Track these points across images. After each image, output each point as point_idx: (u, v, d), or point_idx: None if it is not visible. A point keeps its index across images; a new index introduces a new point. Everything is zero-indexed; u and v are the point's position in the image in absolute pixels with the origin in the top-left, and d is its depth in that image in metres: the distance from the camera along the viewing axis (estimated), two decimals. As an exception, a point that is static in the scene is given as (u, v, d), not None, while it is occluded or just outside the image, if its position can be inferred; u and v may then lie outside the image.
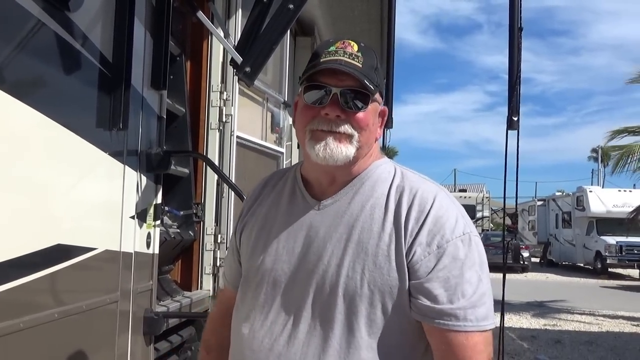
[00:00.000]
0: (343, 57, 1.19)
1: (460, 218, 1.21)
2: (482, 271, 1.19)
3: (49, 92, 1.84)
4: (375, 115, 1.26)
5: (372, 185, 1.26)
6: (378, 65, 1.24)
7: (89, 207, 2.11)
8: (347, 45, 1.21)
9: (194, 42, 3.46)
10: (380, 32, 5.95)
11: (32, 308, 1.73)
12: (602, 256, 19.75)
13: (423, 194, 1.22)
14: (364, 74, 1.18)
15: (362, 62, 1.19)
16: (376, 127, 1.27)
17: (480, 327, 1.15)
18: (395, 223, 1.20)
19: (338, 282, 1.19)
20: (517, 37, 2.60)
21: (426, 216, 1.18)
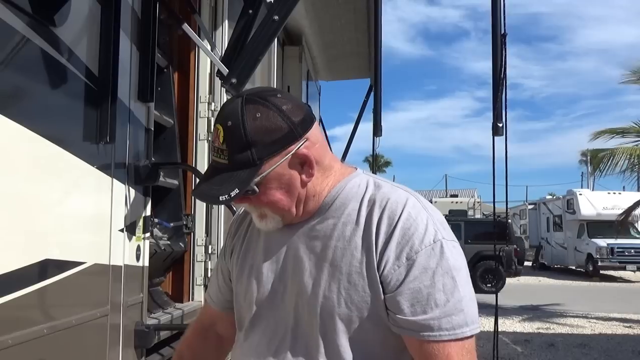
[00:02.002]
0: (215, 157, 1.20)
1: (430, 225, 1.19)
2: (458, 276, 1.17)
3: (35, 106, 1.83)
4: (281, 179, 1.20)
5: (342, 202, 1.25)
6: (249, 137, 1.15)
7: (77, 221, 2.10)
8: (215, 138, 1.19)
9: (180, 53, 3.47)
10: (367, 41, 5.98)
11: (20, 324, 1.72)
12: (593, 258, 19.87)
13: (392, 205, 1.21)
14: (233, 167, 1.17)
15: (228, 156, 1.16)
16: (291, 183, 1.21)
17: (457, 335, 1.15)
18: (365, 238, 1.20)
19: (316, 303, 1.21)
20: (500, 42, 2.62)
21: (394, 228, 1.18)
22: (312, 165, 1.21)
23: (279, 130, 1.17)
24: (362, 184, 1.27)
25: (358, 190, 1.26)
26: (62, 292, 1.93)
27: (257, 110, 1.16)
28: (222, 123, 1.18)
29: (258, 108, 1.16)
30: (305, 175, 1.22)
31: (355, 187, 1.27)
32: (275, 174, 1.19)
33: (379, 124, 3.97)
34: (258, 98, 1.18)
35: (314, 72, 7.05)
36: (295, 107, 1.21)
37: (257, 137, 1.15)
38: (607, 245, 19.49)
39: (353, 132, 6.84)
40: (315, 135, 1.23)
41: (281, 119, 1.17)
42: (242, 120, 1.15)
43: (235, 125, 1.15)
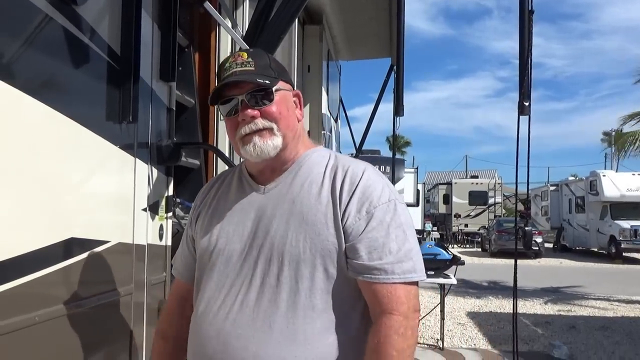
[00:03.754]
0: (236, 69, 1.36)
1: (386, 188, 1.38)
2: (408, 231, 1.37)
3: (59, 86, 1.84)
4: (288, 101, 1.43)
5: (309, 167, 1.43)
6: (271, 61, 1.42)
7: (101, 201, 2.12)
8: (237, 57, 1.38)
9: (201, 33, 3.45)
10: (389, 20, 5.90)
11: (47, 301, 1.75)
12: (616, 240, 19.61)
13: (354, 170, 1.39)
14: (258, 73, 1.36)
15: (254, 65, 1.37)
16: (292, 111, 1.44)
17: (407, 278, 1.32)
18: (331, 195, 1.36)
19: (283, 251, 1.34)
20: (527, 20, 2.55)
21: (356, 187, 1.35)
22: (301, 107, 1.47)
23: (285, 69, 1.45)
24: (325, 155, 1.47)
25: (322, 160, 1.44)
26: (87, 271, 1.95)
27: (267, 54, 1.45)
28: (243, 51, 1.41)
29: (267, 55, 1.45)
30: (299, 114, 1.46)
31: (320, 157, 1.46)
32: (284, 95, 1.41)
33: (401, 104, 3.92)
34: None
35: (335, 51, 6.99)
36: None
37: (275, 63, 1.43)
38: (630, 227, 19.21)
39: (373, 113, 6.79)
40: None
41: (283, 66, 1.46)
42: (263, 50, 1.47)
43: (258, 52, 1.44)
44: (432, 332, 7.42)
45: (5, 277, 1.55)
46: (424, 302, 9.39)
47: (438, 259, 6.32)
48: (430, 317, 7.67)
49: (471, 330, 7.84)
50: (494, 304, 10.10)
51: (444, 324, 6.75)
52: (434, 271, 6.31)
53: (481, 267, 16.83)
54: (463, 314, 9.09)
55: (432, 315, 7.59)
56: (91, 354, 2.02)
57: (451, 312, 8.87)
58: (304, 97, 1.52)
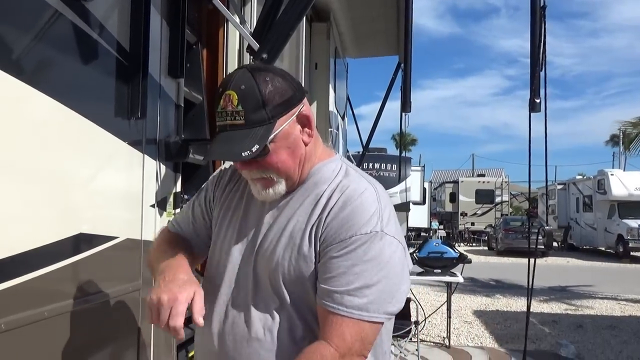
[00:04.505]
0: (227, 121, 1.28)
1: (375, 217, 1.30)
2: (379, 267, 1.27)
3: (68, 82, 1.84)
4: (289, 139, 1.34)
5: (314, 183, 1.40)
6: (264, 97, 1.27)
7: (110, 196, 2.12)
8: (227, 103, 1.27)
9: (210, 29, 3.44)
10: (396, 17, 5.88)
11: (55, 297, 1.75)
12: (624, 240, 19.53)
13: (350, 192, 1.33)
14: (249, 125, 1.27)
15: (244, 115, 1.26)
16: (296, 145, 1.35)
17: (353, 314, 1.26)
18: (320, 215, 1.33)
19: (270, 267, 1.36)
20: (539, 15, 2.53)
21: (344, 210, 1.31)
22: (312, 126, 1.38)
23: (287, 92, 1.31)
24: (335, 169, 1.42)
25: (331, 174, 1.40)
26: (95, 266, 1.96)
27: (265, 75, 1.29)
28: (233, 89, 1.27)
29: (266, 74, 1.30)
30: (306, 136, 1.37)
31: (330, 171, 1.41)
32: (285, 133, 1.32)
33: (408, 100, 3.90)
34: (262, 67, 1.34)
35: (342, 49, 6.97)
36: (292, 76, 1.37)
37: (270, 97, 1.27)
38: (638, 226, 19.11)
39: (380, 110, 6.79)
40: (307, 102, 1.39)
41: (287, 83, 1.32)
42: (256, 82, 1.27)
43: (249, 88, 1.27)
44: (438, 330, 7.41)
45: (15, 273, 1.55)
46: (430, 300, 9.39)
47: (445, 257, 6.31)
48: (437, 316, 7.66)
49: (478, 329, 7.83)
50: (501, 302, 10.07)
51: (450, 322, 6.74)
52: (441, 269, 6.30)
53: (488, 265, 16.79)
54: (469, 312, 9.08)
55: (438, 314, 7.58)
56: (99, 349, 2.02)
57: (458, 311, 8.85)
58: (311, 94, 1.51)
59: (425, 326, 7.16)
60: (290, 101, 1.31)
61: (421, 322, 6.59)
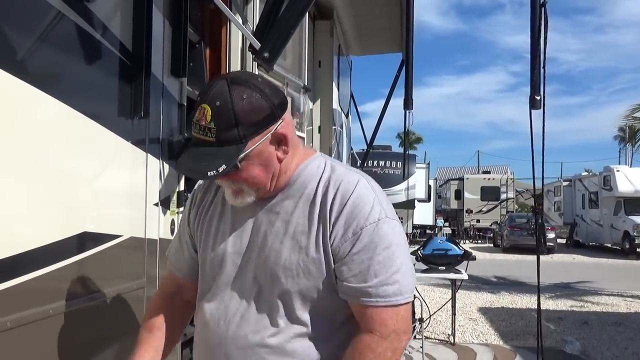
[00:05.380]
0: (200, 135, 1.26)
1: (376, 205, 1.34)
2: (396, 251, 1.33)
3: (72, 82, 1.86)
4: (261, 157, 1.31)
5: (303, 182, 1.38)
6: (237, 115, 1.24)
7: (114, 196, 2.14)
8: (202, 117, 1.25)
9: (212, 28, 3.46)
10: (400, 14, 5.88)
11: (60, 295, 1.77)
12: (630, 236, 19.44)
13: (345, 185, 1.35)
14: (220, 144, 1.25)
15: (216, 134, 1.24)
16: (270, 160, 1.33)
17: (391, 302, 1.31)
18: (321, 214, 1.34)
19: (278, 273, 1.35)
20: (539, 12, 2.53)
21: (345, 205, 1.32)
22: (288, 143, 1.34)
23: (263, 111, 1.27)
24: (321, 166, 1.41)
25: (317, 171, 1.39)
26: (99, 265, 1.98)
27: (243, 92, 1.26)
28: (209, 103, 1.25)
29: (244, 90, 1.26)
30: (281, 153, 1.34)
31: (315, 167, 1.40)
32: (257, 151, 1.30)
33: (410, 98, 3.91)
34: (243, 80, 1.28)
35: (345, 46, 6.97)
36: (275, 90, 1.32)
37: (243, 117, 1.25)
38: (644, 222, 19.04)
39: (384, 108, 6.78)
40: (289, 116, 1.36)
41: (264, 101, 1.28)
42: (231, 100, 1.24)
43: (224, 105, 1.24)
44: (443, 327, 7.41)
45: (21, 271, 1.58)
46: (435, 297, 9.38)
47: (449, 255, 6.31)
48: (442, 313, 7.66)
49: (483, 326, 7.82)
50: (506, 299, 10.06)
51: (455, 319, 6.74)
52: (445, 266, 6.30)
53: (493, 262, 16.76)
54: (474, 309, 9.07)
55: (443, 311, 7.58)
56: (103, 346, 2.04)
57: (462, 308, 8.85)
58: (314, 92, 1.51)
59: (430, 323, 7.16)
60: (265, 120, 1.28)
61: (426, 319, 6.58)
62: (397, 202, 20.19)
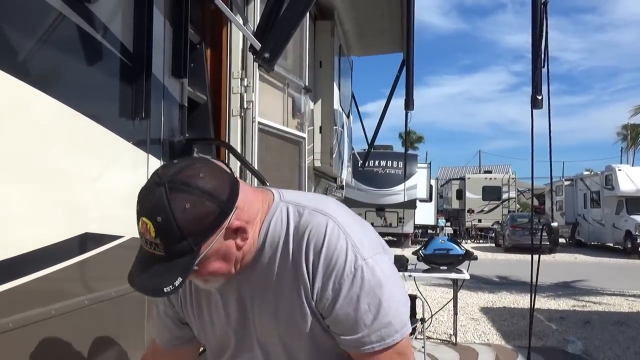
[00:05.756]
0: (148, 249, 1.17)
1: (350, 251, 1.25)
2: (381, 293, 1.26)
3: (72, 83, 1.86)
4: (218, 253, 1.22)
5: (271, 242, 1.30)
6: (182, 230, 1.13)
7: (115, 196, 2.14)
8: (145, 231, 1.15)
9: (213, 29, 3.46)
10: (401, 14, 5.88)
11: (62, 295, 1.77)
12: (632, 235, 19.43)
13: (314, 235, 1.26)
14: (171, 258, 1.15)
15: (164, 248, 1.14)
16: (229, 252, 1.23)
17: (387, 344, 1.27)
18: (299, 273, 1.27)
19: (278, 338, 1.33)
20: (540, 11, 2.53)
21: (319, 260, 1.25)
22: (246, 230, 1.24)
23: (210, 215, 1.15)
24: (283, 218, 1.31)
25: (282, 225, 1.30)
26: (101, 265, 1.98)
27: (185, 201, 1.12)
28: (149, 218, 1.13)
29: (185, 198, 1.12)
30: (240, 240, 1.24)
31: (279, 222, 1.30)
32: (213, 250, 1.20)
33: (411, 98, 3.91)
34: (182, 185, 1.13)
35: (346, 47, 6.98)
36: (221, 181, 1.19)
37: (190, 228, 1.13)
38: (646, 222, 19.02)
39: (385, 108, 6.79)
40: (242, 198, 1.23)
41: (210, 203, 1.15)
42: (173, 215, 1.12)
43: (166, 221, 1.12)
44: (445, 327, 7.41)
45: (22, 272, 1.58)
46: (436, 297, 9.38)
47: (451, 254, 6.31)
48: (444, 313, 7.66)
49: (484, 326, 7.82)
50: (508, 299, 10.05)
51: (457, 319, 6.74)
52: (447, 266, 6.30)
53: (495, 262, 16.75)
54: (476, 309, 9.07)
55: (445, 311, 7.58)
56: (105, 347, 2.04)
57: (464, 308, 8.85)
58: (315, 92, 1.47)
59: (431, 323, 7.16)
60: (215, 222, 1.17)
61: (427, 319, 6.58)
62: (398, 202, 20.23)
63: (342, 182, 7.59)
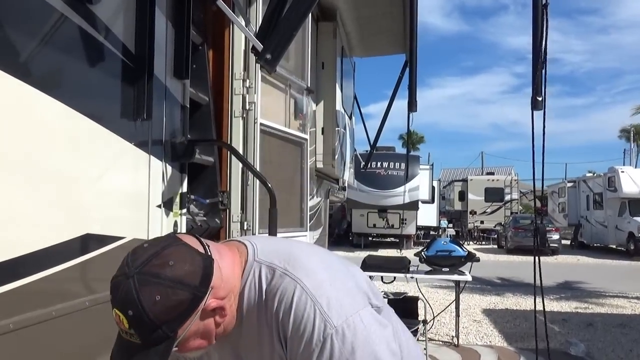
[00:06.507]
0: (125, 336, 1.15)
1: (317, 319, 1.19)
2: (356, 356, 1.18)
3: (75, 84, 1.86)
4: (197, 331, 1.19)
5: (248, 308, 1.26)
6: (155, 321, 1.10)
7: (117, 197, 2.14)
8: (119, 322, 1.12)
9: (215, 30, 3.46)
10: (403, 15, 5.88)
11: (63, 296, 1.77)
12: (635, 237, 19.39)
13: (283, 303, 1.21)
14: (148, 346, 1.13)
15: (139, 337, 1.12)
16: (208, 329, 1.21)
17: None
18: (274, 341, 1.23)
19: None
20: (541, 13, 2.53)
21: (288, 328, 1.20)
22: (224, 308, 1.21)
23: (184, 302, 1.12)
24: (256, 281, 1.26)
25: (255, 290, 1.26)
26: (102, 266, 1.98)
27: (155, 293, 1.09)
28: (121, 311, 1.11)
29: (155, 290, 1.09)
30: (219, 317, 1.21)
31: (253, 287, 1.26)
32: (191, 332, 1.17)
33: (414, 99, 3.91)
34: (150, 277, 1.10)
35: (349, 48, 6.98)
36: (193, 265, 1.15)
37: (163, 318, 1.10)
38: (649, 223, 18.99)
39: (388, 109, 6.79)
40: (217, 276, 1.18)
41: (182, 291, 1.11)
42: (143, 309, 1.09)
43: (138, 314, 1.09)
44: (447, 329, 7.40)
45: (24, 272, 1.58)
46: (438, 298, 9.37)
47: (453, 256, 6.29)
48: (446, 314, 7.65)
49: (487, 327, 7.80)
50: (510, 301, 10.03)
51: (459, 320, 6.72)
52: (449, 268, 6.28)
53: (497, 264, 16.72)
54: (478, 310, 9.05)
55: (447, 312, 7.56)
56: (105, 349, 2.04)
57: (466, 309, 8.83)
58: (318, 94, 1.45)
59: (433, 325, 7.15)
60: (190, 307, 1.13)
61: (429, 320, 6.57)
62: (400, 204, 20.23)
63: (344, 183, 7.60)
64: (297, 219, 4.22)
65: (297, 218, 4.22)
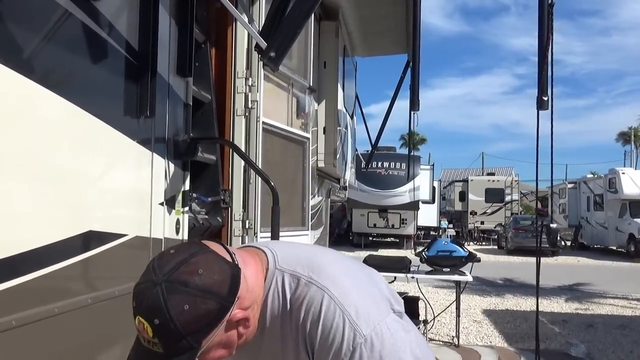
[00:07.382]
0: (147, 345, 1.10)
1: (347, 328, 1.17)
2: None
3: (78, 81, 1.86)
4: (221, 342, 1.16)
5: (272, 315, 1.25)
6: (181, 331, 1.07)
7: (119, 195, 2.14)
8: (143, 331, 1.08)
9: (218, 28, 3.46)
10: (405, 15, 5.87)
11: (66, 293, 1.77)
12: (635, 239, 19.38)
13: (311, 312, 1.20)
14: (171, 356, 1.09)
15: (163, 347, 1.08)
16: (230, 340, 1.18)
17: None
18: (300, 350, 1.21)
19: None
20: (547, 12, 2.51)
21: (316, 338, 1.18)
22: (248, 319, 1.19)
23: (211, 312, 1.10)
24: (279, 290, 1.24)
25: (279, 299, 1.24)
26: (104, 264, 1.97)
27: (184, 303, 1.07)
28: (147, 319, 1.07)
29: (184, 299, 1.07)
30: (242, 328, 1.19)
31: (276, 296, 1.24)
32: (214, 343, 1.15)
33: (417, 99, 3.90)
34: (179, 285, 1.07)
35: (351, 47, 6.98)
36: (222, 275, 1.12)
37: (190, 328, 1.08)
38: (650, 225, 18.98)
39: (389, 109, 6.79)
40: (243, 286, 1.16)
41: (210, 301, 1.09)
42: (170, 318, 1.06)
43: (164, 323, 1.06)
44: (447, 329, 7.39)
45: (26, 269, 1.57)
46: (439, 299, 9.36)
47: (454, 256, 6.29)
48: (446, 315, 7.64)
49: (487, 328, 7.80)
50: (510, 301, 10.03)
51: (459, 321, 6.72)
52: (450, 268, 6.28)
53: (497, 264, 16.72)
54: (479, 311, 9.05)
55: (447, 313, 7.56)
56: (107, 346, 2.04)
57: (467, 310, 8.83)
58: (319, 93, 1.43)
59: (434, 325, 7.15)
60: (216, 318, 1.11)
61: (430, 321, 6.57)
62: (401, 204, 20.22)
63: (345, 183, 7.59)
64: (298, 218, 4.21)
65: (298, 217, 4.21)
